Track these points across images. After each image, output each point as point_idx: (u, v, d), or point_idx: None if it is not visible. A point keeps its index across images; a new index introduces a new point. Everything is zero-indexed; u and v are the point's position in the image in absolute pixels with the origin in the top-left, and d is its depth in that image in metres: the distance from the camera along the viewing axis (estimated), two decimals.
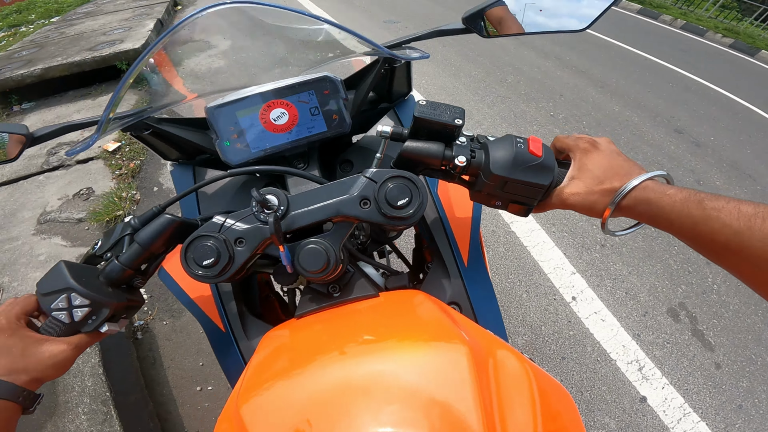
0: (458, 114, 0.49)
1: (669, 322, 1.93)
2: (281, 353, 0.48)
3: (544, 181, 0.47)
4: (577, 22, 0.66)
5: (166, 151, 0.69)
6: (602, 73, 4.67)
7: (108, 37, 4.23)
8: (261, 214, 0.47)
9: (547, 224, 2.33)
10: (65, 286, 0.44)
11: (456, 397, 0.34)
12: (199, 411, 1.52)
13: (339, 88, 0.62)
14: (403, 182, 0.47)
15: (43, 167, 2.47)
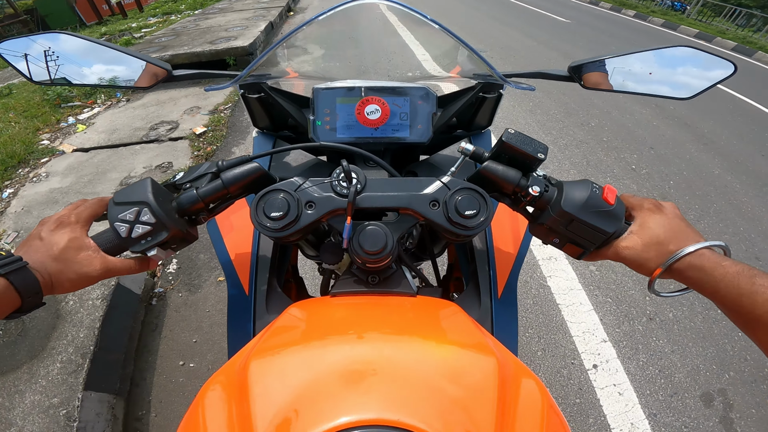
0: (542, 149, 0.51)
1: (698, 406, 1.70)
2: (308, 324, 0.50)
3: (609, 229, 0.48)
4: (686, 90, 0.67)
5: (259, 117, 0.76)
6: (711, 129, 4.13)
7: (227, 33, 4.85)
8: (338, 186, 0.50)
9: (591, 286, 2.14)
10: (142, 200, 0.47)
11: (478, 404, 0.35)
12: (172, 384, 1.62)
13: (432, 102, 0.68)
14: (475, 196, 0.49)
15: (142, 139, 2.94)
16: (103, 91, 4.03)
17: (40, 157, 2.97)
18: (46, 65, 0.60)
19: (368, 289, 0.54)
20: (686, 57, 0.65)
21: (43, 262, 0.43)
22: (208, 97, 3.73)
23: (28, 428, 1.25)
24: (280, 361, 0.40)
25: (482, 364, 0.39)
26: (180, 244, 0.52)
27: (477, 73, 0.73)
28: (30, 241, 0.45)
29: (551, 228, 0.51)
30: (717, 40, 8.57)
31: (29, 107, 3.82)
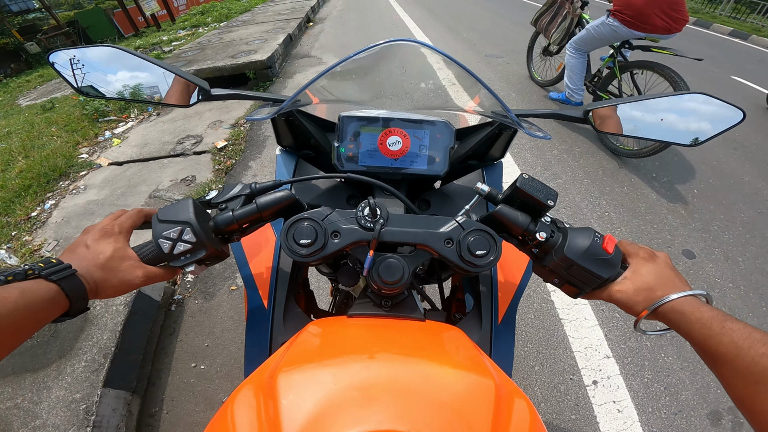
0: (552, 196, 0.56)
1: (704, 425, 1.63)
2: (328, 341, 0.54)
3: (605, 275, 0.53)
4: (694, 136, 0.68)
5: (284, 136, 0.80)
6: (741, 132, 3.91)
7: (248, 47, 5.04)
8: (362, 219, 0.54)
9: (597, 301, 2.11)
10: (186, 220, 0.51)
11: (476, 421, 0.40)
12: (184, 384, 1.74)
13: (451, 136, 0.73)
14: (486, 237, 0.53)
15: (170, 152, 3.13)
16: (137, 106, 4.29)
17: (79, 170, 3.22)
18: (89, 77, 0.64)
19: (382, 313, 0.59)
20: (698, 103, 0.67)
21: (90, 269, 0.46)
22: (230, 111, 3.91)
23: (51, 421, 1.36)
24: (306, 374, 0.45)
25: (481, 386, 0.45)
26: (214, 261, 0.56)
27: (495, 111, 0.76)
28: (76, 248, 0.48)
29: (553, 270, 0.56)
30: (752, 38, 8.02)
31: (70, 121, 4.12)
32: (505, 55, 5.52)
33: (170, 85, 0.67)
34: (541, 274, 0.59)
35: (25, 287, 0.40)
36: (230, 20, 7.87)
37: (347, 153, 0.72)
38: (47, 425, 1.35)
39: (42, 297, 0.41)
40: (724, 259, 2.42)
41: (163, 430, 1.60)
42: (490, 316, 0.73)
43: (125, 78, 0.66)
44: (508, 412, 0.43)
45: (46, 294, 0.41)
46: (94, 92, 0.66)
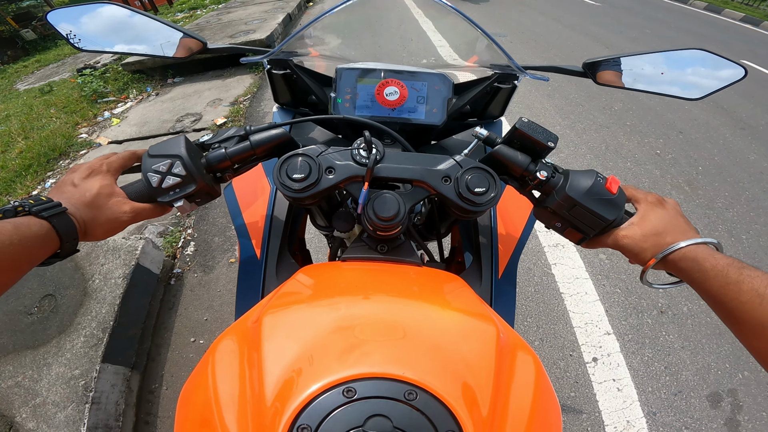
0: (552, 138, 0.54)
1: (703, 406, 1.63)
2: (319, 284, 0.52)
3: (609, 216, 0.51)
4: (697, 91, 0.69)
5: (281, 93, 0.80)
6: (750, 114, 3.85)
7: (247, 27, 4.96)
8: (358, 155, 0.53)
9: (599, 275, 2.10)
10: (176, 153, 0.50)
11: (476, 368, 0.38)
12: (183, 359, 1.74)
13: (449, 88, 0.72)
14: (485, 175, 0.52)
15: (169, 130, 3.12)
16: (135, 86, 4.26)
17: (79, 149, 3.21)
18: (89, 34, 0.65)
19: (377, 256, 0.58)
20: (698, 59, 0.68)
21: (78, 207, 0.45)
22: (229, 89, 3.87)
23: (51, 398, 1.35)
24: (292, 316, 0.43)
25: (482, 331, 0.42)
26: (204, 198, 0.55)
27: (494, 63, 0.76)
28: (62, 186, 0.47)
29: (555, 212, 0.54)
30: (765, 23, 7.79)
31: (68, 103, 4.10)
32: (508, 33, 5.42)
33: (169, 40, 0.67)
34: (542, 219, 0.57)
35: (17, 222, 0.38)
36: (229, 1, 7.74)
37: (344, 103, 0.71)
38: (47, 403, 1.35)
39: (35, 233, 0.39)
40: (728, 236, 2.39)
41: (163, 406, 1.60)
42: (491, 270, 0.71)
43: (125, 33, 0.67)
44: (512, 362, 0.41)
45: (38, 231, 0.40)
46: (97, 49, 0.67)
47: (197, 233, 2.36)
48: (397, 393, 0.33)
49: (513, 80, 0.73)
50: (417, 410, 0.33)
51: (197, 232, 2.37)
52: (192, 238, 2.33)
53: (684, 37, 6.26)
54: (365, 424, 0.32)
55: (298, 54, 0.77)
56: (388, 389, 0.34)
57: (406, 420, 0.32)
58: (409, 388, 0.34)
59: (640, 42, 5.90)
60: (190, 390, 0.41)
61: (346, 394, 0.33)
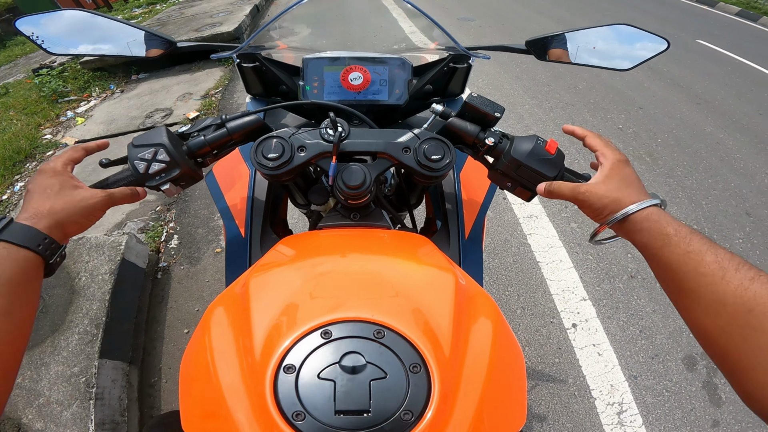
0: (499, 109, 0.61)
1: (680, 370, 1.73)
2: (299, 250, 0.58)
3: (550, 174, 0.57)
4: (627, 62, 0.77)
5: (252, 84, 0.84)
6: (705, 89, 4.07)
7: (212, 20, 4.83)
8: (326, 133, 0.59)
9: (571, 243, 2.21)
10: (159, 142, 0.54)
11: (437, 310, 0.43)
12: (179, 351, 1.75)
13: (408, 70, 0.78)
14: (440, 144, 0.59)
15: (139, 126, 3.04)
16: (97, 84, 4.10)
17: (44, 150, 3.09)
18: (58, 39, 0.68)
19: (350, 224, 0.64)
20: (624, 33, 0.76)
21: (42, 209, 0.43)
22: (199, 83, 3.79)
23: (54, 397, 1.34)
24: (274, 277, 0.48)
25: (442, 279, 0.48)
26: (188, 181, 0.60)
27: (448, 46, 0.82)
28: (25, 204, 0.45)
29: (504, 173, 0.60)
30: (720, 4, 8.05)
31: (27, 104, 3.90)
32: (477, 18, 5.50)
33: (138, 42, 0.71)
34: (495, 180, 0.64)
35: None
36: None
37: (312, 90, 0.76)
38: (51, 402, 1.34)
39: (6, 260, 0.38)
40: (688, 202, 2.56)
41: (165, 399, 1.61)
42: (457, 232, 0.79)
43: (94, 38, 0.70)
44: (472, 307, 0.46)
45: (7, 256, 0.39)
46: (65, 52, 0.70)
47: (179, 226, 2.34)
48: (367, 332, 0.38)
49: (466, 60, 0.80)
50: (385, 347, 0.38)
51: (179, 225, 2.34)
52: (175, 232, 2.30)
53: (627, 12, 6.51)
54: (341, 360, 0.36)
55: (266, 47, 0.82)
56: (359, 330, 0.39)
57: (376, 355, 0.37)
58: (377, 328, 0.39)
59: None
60: (190, 354, 0.46)
61: (324, 336, 0.38)
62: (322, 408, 0.34)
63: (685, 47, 5.15)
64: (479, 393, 0.38)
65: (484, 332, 0.44)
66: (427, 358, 0.37)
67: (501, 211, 2.39)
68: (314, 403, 0.34)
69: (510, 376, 0.45)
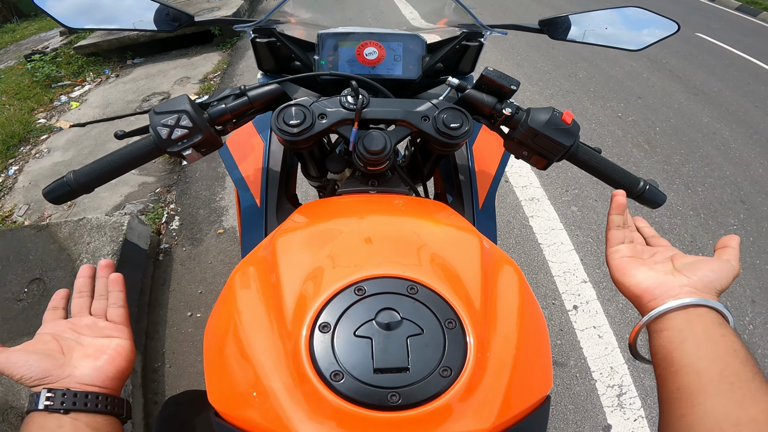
0: (514, 83, 0.62)
1: None
2: (321, 213, 0.58)
3: (566, 143, 0.59)
4: (637, 43, 0.79)
5: (265, 60, 0.84)
6: (703, 81, 4.11)
7: (210, 4, 4.75)
8: (346, 102, 0.59)
9: (572, 225, 2.23)
10: (182, 108, 0.55)
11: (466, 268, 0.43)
12: (182, 335, 1.73)
13: (422, 46, 0.78)
14: (458, 113, 0.60)
15: (136, 110, 3.00)
16: (92, 69, 4.03)
17: (39, 134, 3.04)
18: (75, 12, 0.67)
19: (369, 190, 0.64)
20: (636, 15, 0.78)
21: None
22: (197, 68, 3.74)
23: None
24: (301, 236, 0.48)
25: (469, 240, 0.48)
26: (209, 148, 0.60)
27: (461, 23, 0.83)
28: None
29: (521, 142, 0.61)
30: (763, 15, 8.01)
31: (20, 89, 3.84)
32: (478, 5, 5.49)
33: (155, 14, 0.69)
34: (511, 149, 0.65)
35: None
36: None
37: (327, 65, 0.77)
38: None
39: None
40: (684, 189, 2.59)
41: (168, 384, 1.59)
42: (471, 202, 0.80)
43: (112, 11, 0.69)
44: (497, 268, 0.46)
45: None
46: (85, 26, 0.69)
47: (180, 207, 2.32)
48: (400, 288, 0.38)
49: (479, 38, 0.80)
50: (419, 302, 0.37)
51: (180, 206, 2.32)
52: (176, 213, 2.28)
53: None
54: (377, 316, 0.36)
55: (281, 22, 0.82)
56: (393, 286, 0.38)
57: (411, 310, 0.36)
58: (410, 284, 0.38)
59: None
60: (215, 321, 0.44)
61: (357, 293, 0.37)
62: (361, 366, 0.33)
63: (684, 40, 5.18)
64: (512, 352, 0.38)
65: (511, 293, 0.44)
66: (461, 314, 0.37)
67: (503, 193, 2.40)
68: (352, 362, 0.34)
69: (537, 339, 0.44)
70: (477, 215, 0.79)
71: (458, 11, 0.80)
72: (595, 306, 1.86)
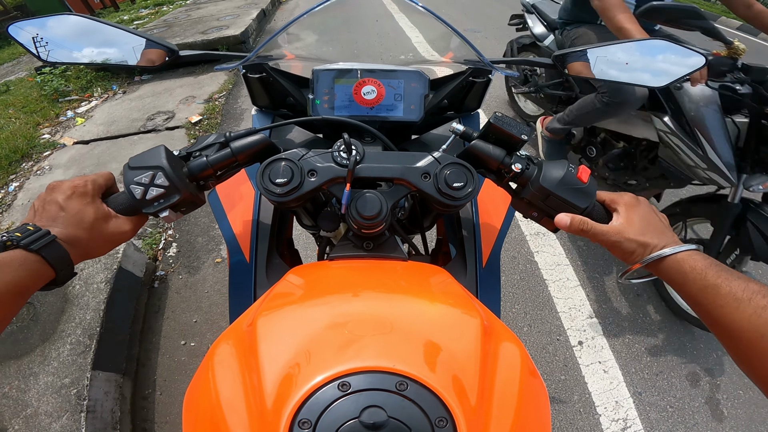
0: (525, 131, 0.56)
1: (683, 386, 1.71)
2: (308, 284, 0.53)
3: (582, 204, 0.53)
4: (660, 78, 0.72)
5: (258, 96, 0.80)
6: None
7: (219, 23, 4.83)
8: (339, 157, 0.54)
9: (578, 261, 2.18)
10: (157, 165, 0.50)
11: (462, 357, 0.39)
12: (175, 363, 1.70)
13: (425, 84, 0.73)
14: (463, 170, 0.54)
15: (140, 129, 3.00)
16: (100, 84, 4.06)
17: (42, 150, 3.04)
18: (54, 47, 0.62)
19: (363, 254, 0.59)
20: (661, 48, 0.71)
21: (73, 233, 0.44)
22: (202, 87, 3.76)
23: (43, 408, 1.29)
24: (285, 317, 0.44)
25: (467, 322, 0.44)
26: (189, 207, 0.55)
27: (468, 58, 0.77)
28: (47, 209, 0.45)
29: (530, 202, 0.56)
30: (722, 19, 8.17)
31: (28, 103, 3.86)
32: (483, 29, 5.54)
33: (139, 50, 0.66)
34: (519, 209, 0.60)
35: (2, 258, 0.38)
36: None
37: (322, 104, 0.71)
38: (39, 413, 1.29)
39: (20, 267, 0.39)
40: None
41: (158, 411, 1.56)
42: (474, 260, 0.73)
43: (92, 45, 0.64)
44: (497, 351, 0.42)
45: (24, 263, 0.39)
46: (60, 60, 0.64)
47: (179, 234, 2.29)
48: (389, 384, 0.35)
49: (487, 74, 0.75)
50: (409, 400, 0.34)
51: (179, 232, 2.29)
52: (174, 240, 2.25)
53: None
54: (361, 415, 0.33)
55: (273, 57, 0.77)
56: (380, 381, 0.35)
57: (399, 409, 0.34)
58: (400, 380, 0.35)
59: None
60: (193, 396, 0.42)
61: (342, 388, 0.34)
62: None
63: None
64: None
65: (510, 377, 0.41)
66: (453, 410, 0.34)
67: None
68: None
69: (536, 423, 0.41)
70: (480, 275, 0.73)
71: (464, 46, 0.74)
72: (601, 341, 1.83)
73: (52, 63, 0.64)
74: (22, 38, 0.60)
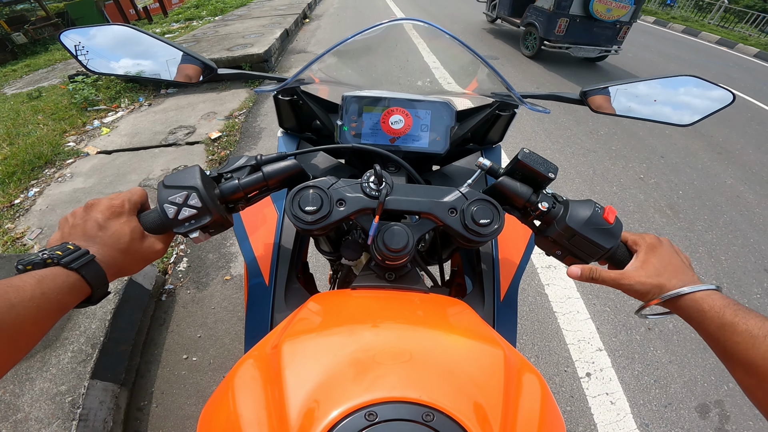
0: (553, 169, 0.56)
1: (692, 417, 1.67)
2: (332, 312, 0.53)
3: (607, 245, 0.53)
4: (688, 117, 0.71)
5: (286, 118, 0.81)
6: (726, 138, 4.06)
7: (244, 40, 5.00)
8: (368, 187, 0.54)
9: (589, 295, 2.15)
10: (192, 185, 0.50)
11: (486, 388, 0.40)
12: (175, 376, 1.70)
13: (452, 116, 0.73)
14: (489, 207, 0.54)
15: (161, 142, 3.08)
16: (128, 95, 4.22)
17: (65, 158, 3.13)
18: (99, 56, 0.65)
19: (386, 285, 0.59)
20: (688, 85, 0.70)
21: (110, 254, 0.45)
22: (224, 103, 3.87)
23: (34, 414, 1.30)
24: (310, 344, 0.44)
25: (490, 353, 0.44)
26: (218, 229, 0.55)
27: (495, 91, 0.77)
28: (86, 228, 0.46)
29: (555, 241, 0.56)
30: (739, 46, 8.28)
31: (57, 110, 4.02)
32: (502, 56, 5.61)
33: (179, 64, 0.68)
34: (543, 247, 0.59)
35: (41, 275, 0.39)
36: (226, 14, 7.79)
37: (350, 131, 0.73)
38: (29, 419, 1.28)
39: (60, 285, 0.40)
40: (707, 257, 2.49)
41: (152, 423, 1.55)
42: (492, 294, 0.73)
43: (135, 56, 0.67)
44: (519, 382, 0.42)
45: (64, 282, 0.40)
46: (103, 70, 0.66)
47: (190, 249, 2.32)
48: (415, 415, 0.35)
49: (513, 108, 0.75)
50: (435, 431, 0.34)
51: (190, 248, 2.32)
52: (185, 254, 2.28)
53: None
54: None
55: (305, 81, 0.78)
56: (407, 412, 0.35)
57: None
58: (426, 410, 0.35)
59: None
60: (211, 414, 0.42)
61: (368, 418, 0.34)
62: None
63: None
64: None
65: (532, 409, 0.41)
66: None
67: None
68: None
69: None
70: (498, 309, 0.73)
71: (492, 78, 0.73)
72: (610, 373, 1.81)
73: (100, 73, 0.66)
74: (70, 46, 0.64)
